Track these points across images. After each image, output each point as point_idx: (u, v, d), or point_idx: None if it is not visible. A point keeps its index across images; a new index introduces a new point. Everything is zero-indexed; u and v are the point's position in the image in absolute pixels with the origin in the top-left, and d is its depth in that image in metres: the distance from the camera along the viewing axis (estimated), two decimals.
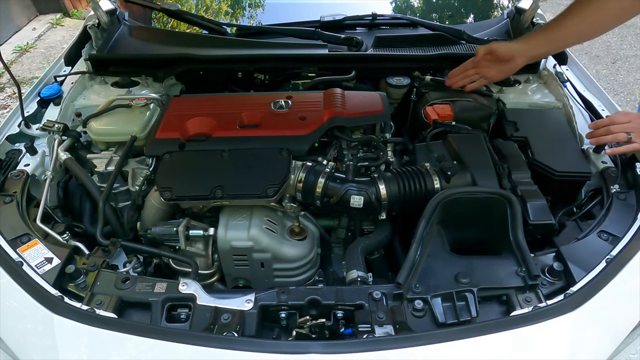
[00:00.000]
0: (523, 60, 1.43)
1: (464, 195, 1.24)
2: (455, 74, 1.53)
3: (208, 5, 2.47)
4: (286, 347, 0.96)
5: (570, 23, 1.34)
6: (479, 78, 1.50)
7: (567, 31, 1.36)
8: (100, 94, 1.79)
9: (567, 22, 1.35)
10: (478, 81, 1.52)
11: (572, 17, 1.34)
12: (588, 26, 1.35)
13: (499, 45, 1.42)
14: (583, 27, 1.35)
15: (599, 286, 1.03)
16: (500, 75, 1.49)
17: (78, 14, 6.06)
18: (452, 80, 1.54)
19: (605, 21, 1.35)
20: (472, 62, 1.50)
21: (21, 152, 1.49)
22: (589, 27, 1.35)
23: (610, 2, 1.30)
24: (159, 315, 1.06)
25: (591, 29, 1.37)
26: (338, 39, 1.93)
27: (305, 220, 1.39)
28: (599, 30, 1.39)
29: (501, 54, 1.41)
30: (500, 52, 1.41)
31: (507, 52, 1.41)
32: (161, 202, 1.34)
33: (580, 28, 1.36)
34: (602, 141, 1.41)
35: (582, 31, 1.37)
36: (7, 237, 1.19)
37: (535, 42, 1.41)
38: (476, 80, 1.51)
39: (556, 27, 1.38)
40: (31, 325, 1.03)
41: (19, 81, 1.62)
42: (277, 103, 1.54)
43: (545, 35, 1.39)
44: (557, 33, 1.38)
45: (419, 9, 2.58)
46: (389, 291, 1.08)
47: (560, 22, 1.36)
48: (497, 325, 0.98)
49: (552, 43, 1.40)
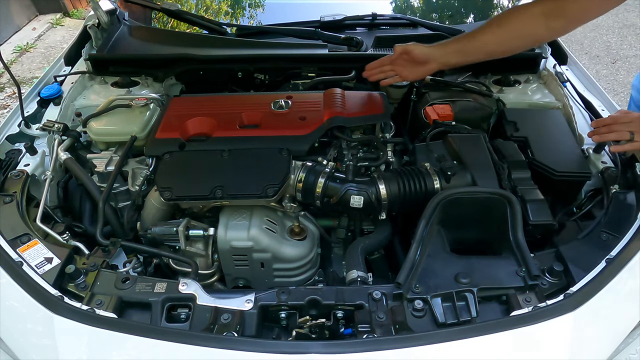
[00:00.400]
0: (437, 65, 1.45)
1: (464, 195, 1.24)
2: (372, 67, 1.53)
3: (208, 5, 2.47)
4: (286, 347, 0.96)
5: (482, 39, 1.39)
6: (394, 75, 1.52)
7: (479, 45, 1.40)
8: (100, 94, 1.79)
9: (479, 37, 1.39)
10: (393, 78, 1.53)
11: (484, 34, 1.39)
12: (498, 45, 1.40)
13: (416, 48, 1.44)
14: (493, 46, 1.40)
15: (599, 286, 1.03)
16: (414, 75, 1.51)
17: (78, 14, 6.06)
18: (368, 73, 1.54)
19: (516, 44, 1.41)
20: (389, 58, 1.50)
21: (21, 152, 1.49)
22: (498, 45, 1.40)
23: (522, 27, 1.35)
24: (159, 315, 1.06)
25: (501, 48, 1.42)
26: (338, 39, 1.93)
27: (305, 220, 1.39)
28: (508, 51, 1.44)
29: (416, 56, 1.44)
30: (416, 54, 1.43)
31: (423, 55, 1.43)
32: (161, 202, 1.34)
33: (490, 46, 1.40)
34: (604, 139, 1.41)
35: (492, 49, 1.42)
36: (7, 237, 1.19)
37: (449, 50, 1.43)
38: (391, 76, 1.53)
39: (469, 40, 1.42)
40: (31, 325, 1.03)
41: (19, 81, 1.62)
42: (277, 103, 1.54)
43: (458, 46, 1.43)
44: (469, 46, 1.42)
45: (419, 9, 2.58)
46: (389, 291, 1.08)
47: (473, 36, 1.40)
48: (497, 325, 0.98)
49: (463, 55, 1.44)
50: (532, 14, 1.33)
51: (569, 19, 1.32)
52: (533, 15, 1.33)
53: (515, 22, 1.36)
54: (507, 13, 1.41)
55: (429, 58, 1.44)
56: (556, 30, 1.36)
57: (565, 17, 1.30)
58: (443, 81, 1.71)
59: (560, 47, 1.96)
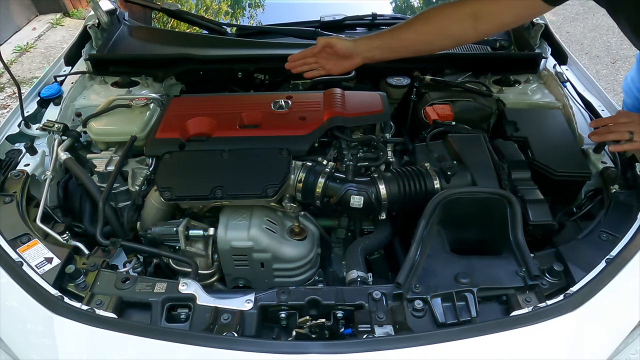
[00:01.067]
0: (361, 59, 1.44)
1: (464, 195, 1.24)
2: (296, 58, 1.51)
3: (208, 5, 2.47)
4: (286, 347, 0.96)
5: (406, 36, 1.38)
6: (318, 67, 1.49)
7: (403, 43, 1.39)
8: (100, 94, 1.79)
9: (403, 35, 1.38)
10: (317, 70, 1.50)
11: (409, 31, 1.38)
12: (423, 44, 1.39)
13: (339, 42, 1.42)
14: (419, 45, 1.40)
15: (599, 286, 1.03)
16: (338, 69, 1.48)
17: (78, 14, 6.06)
18: (291, 64, 1.52)
19: (441, 43, 1.41)
20: (311, 51, 1.47)
21: (21, 152, 1.49)
22: (424, 44, 1.40)
23: (450, 27, 1.34)
24: (159, 315, 1.06)
25: (427, 47, 1.42)
26: None
27: (305, 220, 1.39)
28: (434, 49, 1.45)
29: (339, 50, 1.42)
30: (339, 48, 1.42)
31: (346, 50, 1.42)
32: (161, 202, 1.34)
33: (416, 45, 1.40)
34: (603, 139, 1.42)
35: (417, 47, 1.41)
36: (7, 237, 1.19)
37: (374, 46, 1.42)
38: (315, 69, 1.50)
39: (393, 36, 1.40)
40: (31, 325, 1.03)
41: (19, 81, 1.62)
42: (277, 103, 1.54)
43: (382, 41, 1.41)
44: (394, 43, 1.40)
45: (419, 9, 2.58)
46: (389, 291, 1.08)
47: (399, 33, 1.39)
48: (497, 325, 0.98)
49: (387, 51, 1.43)
50: (461, 15, 1.32)
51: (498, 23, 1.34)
52: (462, 16, 1.32)
53: (444, 21, 1.35)
54: (434, 11, 1.38)
55: (353, 52, 1.42)
56: (483, 33, 1.36)
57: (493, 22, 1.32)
58: (443, 81, 1.71)
59: (560, 47, 1.96)
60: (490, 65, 1.85)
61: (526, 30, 2.03)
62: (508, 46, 2.05)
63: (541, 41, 2.04)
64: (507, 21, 1.34)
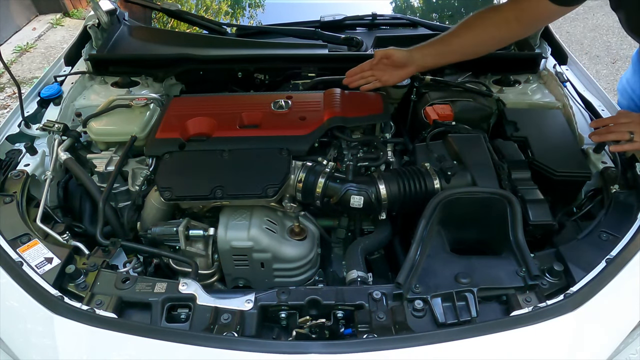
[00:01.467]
0: (415, 68, 1.51)
1: (464, 195, 1.24)
2: (353, 73, 1.55)
3: (208, 5, 2.47)
4: (286, 347, 0.96)
5: (458, 42, 1.46)
6: (374, 80, 1.54)
7: (454, 48, 1.47)
8: (100, 94, 1.79)
9: (455, 41, 1.46)
10: (373, 83, 1.54)
11: (457, 37, 1.46)
12: (472, 47, 1.48)
13: (396, 52, 1.48)
14: (466, 48, 1.48)
15: (599, 286, 1.03)
16: (394, 79, 1.53)
17: (78, 14, 6.06)
18: (349, 80, 1.56)
19: (485, 46, 1.49)
20: (369, 64, 1.53)
21: (21, 152, 1.49)
22: (472, 47, 1.49)
23: (487, 30, 1.43)
24: (159, 315, 1.06)
25: (475, 50, 1.50)
26: (338, 39, 1.93)
27: (305, 220, 1.39)
28: (481, 52, 1.52)
29: (397, 60, 1.48)
30: (397, 57, 1.48)
31: (403, 59, 1.48)
32: (161, 202, 1.34)
33: (464, 48, 1.48)
34: (604, 139, 1.42)
35: (467, 51, 1.50)
36: (7, 237, 1.19)
37: (427, 53, 1.49)
38: (371, 82, 1.54)
39: (445, 43, 1.48)
40: (31, 325, 1.03)
41: (19, 81, 1.62)
42: (277, 103, 1.54)
43: (436, 49, 1.49)
44: (445, 49, 1.48)
45: (419, 9, 2.59)
46: (389, 291, 1.08)
47: (448, 40, 1.47)
48: (497, 325, 0.98)
49: (440, 57, 1.51)
50: (504, 18, 1.39)
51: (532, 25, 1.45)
52: (505, 19, 1.39)
53: (483, 27, 1.43)
54: (478, 16, 1.45)
55: (408, 61, 1.48)
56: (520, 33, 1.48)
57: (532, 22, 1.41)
58: (443, 81, 1.71)
59: (560, 47, 1.96)
60: (490, 65, 1.85)
61: None
62: (508, 46, 2.05)
63: (541, 41, 2.04)
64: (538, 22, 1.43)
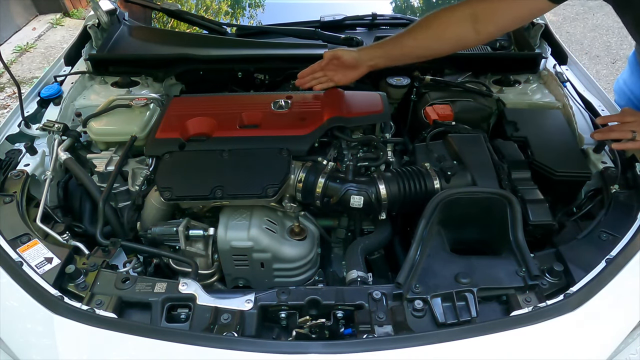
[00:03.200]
0: (366, 68, 1.49)
1: (464, 195, 1.24)
2: (304, 74, 1.56)
3: (208, 5, 2.47)
4: (286, 347, 0.96)
5: (407, 43, 1.41)
6: (327, 80, 1.55)
7: (406, 51, 1.43)
8: (100, 94, 1.79)
9: (404, 42, 1.41)
10: (325, 82, 1.55)
11: (409, 38, 1.40)
12: (424, 49, 1.42)
13: (345, 53, 1.47)
14: (420, 50, 1.42)
15: (599, 286, 1.03)
16: (346, 79, 1.53)
17: (78, 14, 6.06)
18: (300, 81, 1.56)
19: (442, 47, 1.41)
20: (319, 65, 1.53)
21: (21, 152, 1.49)
22: (425, 50, 1.42)
23: (449, 30, 1.35)
24: (159, 315, 1.06)
25: (428, 52, 1.44)
26: (338, 39, 1.93)
27: (305, 220, 1.39)
28: (436, 54, 1.46)
29: (346, 61, 1.48)
30: (345, 59, 1.47)
31: (352, 60, 1.47)
32: (161, 202, 1.34)
33: (417, 50, 1.42)
34: (606, 137, 1.42)
35: (419, 53, 1.44)
36: (7, 237, 1.19)
37: (377, 55, 1.46)
38: (324, 82, 1.55)
39: (395, 44, 1.44)
40: (31, 325, 1.03)
41: (19, 81, 1.62)
42: (277, 103, 1.54)
43: (384, 50, 1.45)
44: (394, 50, 1.44)
45: (419, 9, 2.59)
46: (389, 291, 1.08)
47: (400, 40, 1.42)
48: (497, 325, 0.98)
49: (388, 59, 1.47)
50: (460, 17, 1.32)
51: (498, 24, 1.31)
52: (461, 18, 1.32)
53: (443, 25, 1.36)
54: (432, 16, 1.39)
55: (358, 62, 1.48)
56: (484, 35, 1.34)
57: (493, 22, 1.30)
58: (443, 81, 1.71)
59: (560, 47, 1.96)
60: (490, 65, 1.85)
61: (526, 30, 2.03)
62: (508, 46, 2.06)
63: (541, 41, 2.04)
64: (507, 21, 1.33)
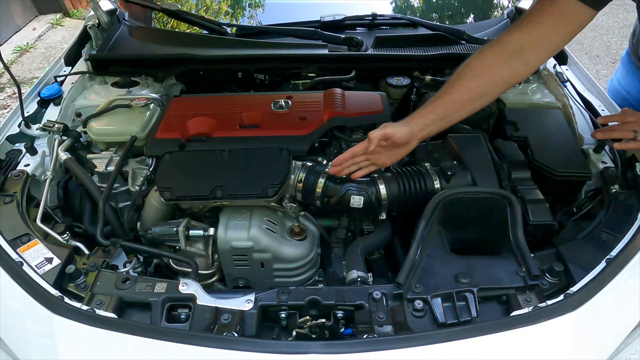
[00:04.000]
0: (417, 142, 1.29)
1: (464, 195, 1.24)
2: (342, 161, 1.28)
3: (208, 5, 2.47)
4: (286, 347, 0.96)
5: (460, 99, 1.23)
6: (369, 165, 1.31)
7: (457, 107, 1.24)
8: (100, 94, 1.79)
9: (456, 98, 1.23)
10: (367, 168, 1.32)
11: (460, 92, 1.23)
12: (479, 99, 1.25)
13: (396, 130, 1.23)
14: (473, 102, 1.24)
15: (599, 286, 1.03)
16: (394, 159, 1.31)
17: (78, 14, 6.05)
18: (337, 169, 1.28)
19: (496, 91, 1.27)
20: (362, 148, 1.26)
21: (21, 152, 1.49)
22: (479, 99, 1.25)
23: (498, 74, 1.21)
24: (159, 316, 1.06)
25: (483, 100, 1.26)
26: (338, 39, 1.93)
27: (305, 220, 1.39)
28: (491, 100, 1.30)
29: (398, 140, 1.24)
30: (398, 137, 1.23)
31: (404, 137, 1.24)
32: (161, 202, 1.34)
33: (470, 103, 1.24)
34: (607, 137, 1.42)
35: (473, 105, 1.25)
36: (7, 237, 1.19)
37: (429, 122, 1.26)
38: (365, 167, 1.31)
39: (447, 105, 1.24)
40: (31, 325, 1.03)
41: (19, 81, 1.62)
42: (277, 103, 1.54)
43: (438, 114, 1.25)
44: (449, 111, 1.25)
45: (419, 9, 2.58)
46: (389, 291, 1.08)
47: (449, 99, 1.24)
48: (497, 325, 0.98)
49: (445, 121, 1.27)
50: (506, 55, 1.20)
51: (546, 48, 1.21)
52: (507, 57, 1.20)
53: (492, 69, 1.21)
54: (477, 61, 1.23)
55: (411, 137, 1.26)
56: (534, 64, 1.24)
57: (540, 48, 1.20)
58: (443, 81, 1.70)
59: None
60: None
61: None
62: None
63: None
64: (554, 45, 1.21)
